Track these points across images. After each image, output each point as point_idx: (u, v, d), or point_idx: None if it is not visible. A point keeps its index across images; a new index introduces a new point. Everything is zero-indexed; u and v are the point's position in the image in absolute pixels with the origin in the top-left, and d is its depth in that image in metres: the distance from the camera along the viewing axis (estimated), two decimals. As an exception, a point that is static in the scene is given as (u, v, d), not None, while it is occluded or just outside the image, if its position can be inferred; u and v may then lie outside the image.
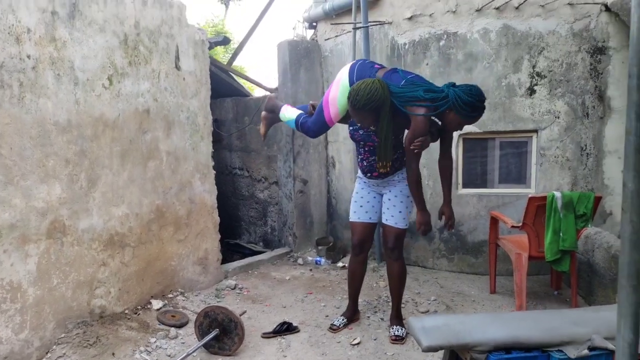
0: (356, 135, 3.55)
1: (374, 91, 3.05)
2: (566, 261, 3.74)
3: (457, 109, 3.09)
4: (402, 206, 3.56)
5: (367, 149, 3.52)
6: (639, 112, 1.30)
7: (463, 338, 2.31)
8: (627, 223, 1.37)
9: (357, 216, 3.71)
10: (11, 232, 2.85)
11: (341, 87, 3.36)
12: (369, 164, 3.56)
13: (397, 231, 3.56)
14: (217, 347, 3.31)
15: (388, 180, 3.59)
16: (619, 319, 1.44)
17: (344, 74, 3.40)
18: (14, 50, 2.85)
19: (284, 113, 3.76)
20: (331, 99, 3.41)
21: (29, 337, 2.97)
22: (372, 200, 3.69)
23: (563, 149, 4.72)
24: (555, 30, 4.63)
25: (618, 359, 1.47)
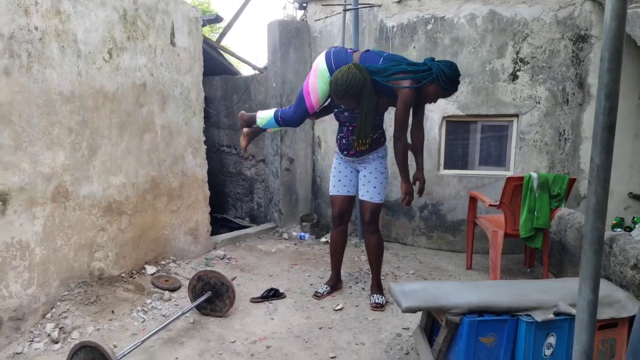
0: (341, 117, 3.72)
1: (351, 77, 3.24)
2: (539, 238, 3.97)
3: (439, 82, 3.35)
4: (376, 182, 3.74)
5: (351, 129, 3.68)
6: (608, 92, 1.43)
7: (439, 301, 2.52)
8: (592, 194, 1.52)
9: (336, 190, 3.90)
10: (20, 195, 3.00)
11: (319, 74, 3.51)
12: (347, 143, 3.73)
13: (372, 206, 3.74)
14: (209, 308, 3.51)
15: (364, 158, 3.77)
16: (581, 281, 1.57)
17: (321, 61, 3.53)
18: (23, 22, 2.96)
19: (260, 118, 3.88)
20: (311, 88, 3.56)
21: (35, 293, 3.14)
22: (350, 174, 3.88)
23: (542, 134, 4.94)
24: (540, 17, 4.81)
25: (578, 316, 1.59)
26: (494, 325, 2.47)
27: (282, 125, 3.83)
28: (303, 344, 3.12)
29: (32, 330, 3.08)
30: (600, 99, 1.46)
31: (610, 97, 1.44)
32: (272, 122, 3.83)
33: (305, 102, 3.61)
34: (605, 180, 1.50)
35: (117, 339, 3.10)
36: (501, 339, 2.49)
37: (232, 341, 3.15)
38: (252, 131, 4.00)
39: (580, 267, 1.60)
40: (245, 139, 4.00)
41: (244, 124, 3.98)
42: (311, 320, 3.50)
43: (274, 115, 3.80)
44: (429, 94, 3.44)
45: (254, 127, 3.97)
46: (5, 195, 2.90)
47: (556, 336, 2.52)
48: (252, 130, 3.99)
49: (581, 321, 1.60)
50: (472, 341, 2.45)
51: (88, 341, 2.44)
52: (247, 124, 3.97)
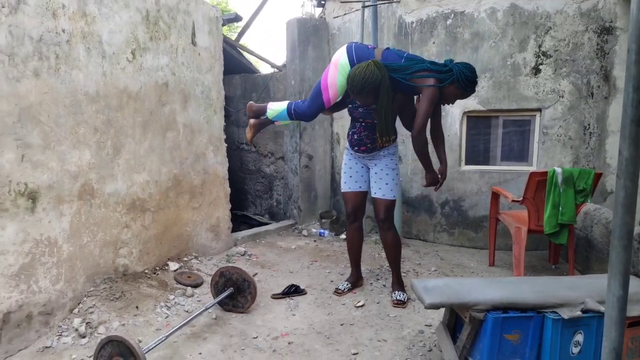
0: (355, 112, 3.69)
1: (369, 73, 3.21)
2: (564, 234, 3.92)
3: (459, 82, 3.35)
4: (388, 178, 3.71)
5: (364, 125, 3.67)
6: (636, 84, 1.42)
7: (463, 297, 2.50)
8: (620, 188, 1.51)
9: (347, 186, 3.89)
10: (49, 192, 3.07)
11: (340, 67, 3.45)
12: (359, 138, 3.72)
13: (386, 202, 3.71)
14: (231, 304, 3.55)
15: (374, 155, 3.75)
16: (610, 276, 1.56)
17: (342, 55, 3.49)
18: (51, 25, 3.02)
19: (271, 109, 3.75)
20: (330, 82, 3.50)
21: (63, 288, 3.21)
22: (361, 170, 3.86)
23: (566, 128, 4.87)
24: (563, 9, 4.74)
25: (607, 313, 1.58)
26: (519, 322, 2.44)
27: (294, 118, 3.72)
28: (325, 340, 3.14)
29: (61, 325, 3.15)
30: (628, 92, 1.44)
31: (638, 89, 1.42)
32: (283, 115, 3.71)
33: (322, 96, 3.55)
34: (634, 174, 1.48)
35: (141, 334, 3.15)
36: (526, 336, 2.46)
37: (254, 337, 3.18)
38: (259, 122, 3.85)
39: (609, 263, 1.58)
40: (252, 130, 3.85)
41: (252, 114, 3.84)
42: (332, 316, 3.51)
43: (286, 107, 3.69)
44: (449, 94, 3.43)
45: (262, 119, 3.84)
46: (34, 193, 2.97)
47: (584, 334, 2.48)
48: (260, 121, 3.85)
49: (610, 318, 1.59)
50: (496, 338, 2.43)
51: (114, 336, 2.49)
52: (256, 114, 3.83)
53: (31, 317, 3.00)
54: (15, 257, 2.88)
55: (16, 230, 2.88)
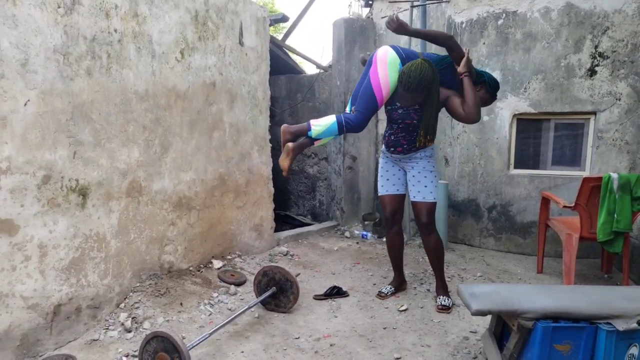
0: (395, 114, 3.58)
1: (425, 71, 3.19)
2: (619, 242, 3.74)
3: (490, 87, 3.51)
4: (427, 180, 3.62)
5: (402, 126, 3.57)
6: None
7: (512, 305, 2.42)
8: None
9: (385, 189, 3.82)
10: (98, 189, 3.16)
11: (390, 63, 3.38)
12: (395, 139, 3.63)
13: (426, 205, 3.62)
14: (273, 304, 3.56)
15: (410, 157, 3.66)
16: None
17: (388, 52, 3.41)
18: (104, 25, 3.11)
19: (317, 126, 3.42)
20: (382, 80, 3.39)
21: (110, 283, 3.29)
22: (397, 172, 3.79)
23: (623, 132, 4.66)
24: (622, 9, 4.54)
25: None
26: (571, 332, 2.35)
27: (346, 131, 3.46)
28: (367, 344, 3.10)
29: (107, 319, 3.23)
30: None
31: None
32: (333, 129, 3.40)
33: (377, 97, 3.40)
34: None
35: (185, 331, 3.19)
36: (578, 347, 2.36)
37: (296, 337, 3.17)
38: (299, 145, 3.45)
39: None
40: (289, 156, 3.39)
41: (290, 137, 3.42)
42: (375, 320, 3.47)
43: (336, 121, 3.39)
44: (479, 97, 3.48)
45: (302, 141, 3.49)
46: (85, 190, 3.06)
47: (639, 347, 2.36)
48: (300, 144, 3.47)
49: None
50: (545, 348, 2.34)
51: (160, 331, 2.53)
52: (294, 137, 3.44)
53: (80, 310, 3.08)
54: (66, 251, 2.97)
55: (67, 225, 2.97)
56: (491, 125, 5.15)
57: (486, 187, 5.28)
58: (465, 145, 5.35)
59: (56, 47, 2.83)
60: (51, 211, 2.86)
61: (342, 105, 5.95)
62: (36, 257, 2.80)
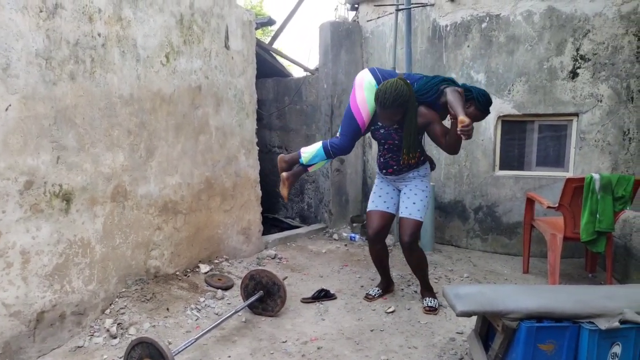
0: (377, 134, 3.63)
1: (400, 88, 3.22)
2: (602, 242, 3.78)
3: (479, 103, 3.41)
4: (416, 198, 3.60)
5: (387, 147, 3.60)
6: None
7: (496, 305, 2.44)
8: None
9: (374, 205, 3.76)
10: (83, 194, 3.13)
11: (367, 86, 3.45)
12: (385, 161, 3.66)
13: (412, 223, 3.54)
14: (260, 308, 3.55)
15: (403, 177, 3.67)
16: None
17: (365, 75, 3.49)
18: (87, 29, 3.10)
19: (305, 153, 3.63)
20: (360, 103, 3.47)
21: (95, 289, 3.27)
22: (392, 192, 3.78)
23: (604, 133, 4.72)
24: (602, 12, 4.60)
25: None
26: (554, 332, 2.38)
27: (332, 156, 3.62)
28: (354, 346, 3.10)
29: (92, 325, 3.21)
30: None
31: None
32: (320, 155, 3.59)
33: (357, 120, 3.49)
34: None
35: (171, 336, 3.18)
36: (561, 346, 2.39)
37: (284, 341, 3.16)
38: (293, 174, 3.70)
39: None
40: (286, 184, 3.67)
41: (285, 166, 3.68)
42: (362, 322, 3.47)
43: (322, 147, 3.58)
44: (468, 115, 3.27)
45: (296, 169, 3.71)
46: (69, 195, 3.04)
47: (622, 345, 2.40)
48: (294, 172, 3.70)
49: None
50: (530, 348, 2.37)
51: (145, 337, 2.51)
52: (289, 165, 3.69)
53: (64, 316, 3.06)
54: (49, 257, 2.95)
55: (50, 231, 2.94)
56: (476, 127, 5.16)
57: (472, 188, 5.32)
58: (451, 147, 5.38)
59: (38, 51, 2.81)
60: (34, 217, 2.84)
61: (330, 109, 5.97)
62: (18, 264, 2.77)
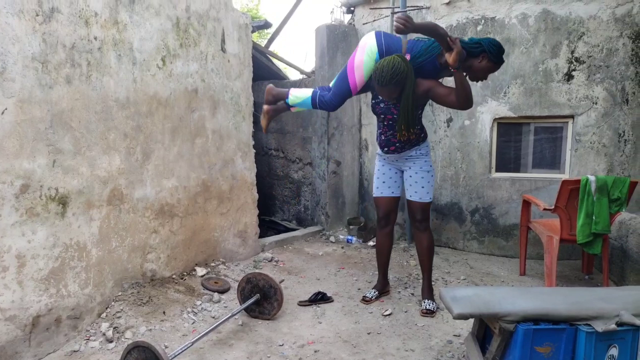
0: (377, 108, 3.62)
1: (397, 65, 3.18)
2: (598, 244, 3.80)
3: (491, 54, 3.21)
4: (424, 181, 3.66)
5: (387, 123, 3.59)
6: None
7: (493, 308, 2.44)
8: None
9: (380, 191, 3.85)
10: (79, 198, 3.12)
11: (367, 50, 3.38)
12: (386, 139, 3.65)
13: (423, 205, 3.69)
14: (257, 311, 3.54)
15: (405, 156, 3.68)
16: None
17: (369, 39, 3.40)
18: (84, 32, 3.09)
19: (294, 96, 3.70)
20: (357, 64, 3.41)
21: (92, 293, 3.26)
22: (394, 175, 3.81)
23: (600, 135, 4.75)
24: (597, 15, 4.63)
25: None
26: (551, 334, 2.38)
27: (319, 107, 3.64)
28: (351, 349, 3.10)
29: (89, 329, 3.19)
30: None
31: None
32: (307, 103, 3.65)
33: (349, 81, 3.46)
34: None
35: (168, 340, 3.17)
36: (558, 349, 2.39)
37: (280, 344, 3.16)
38: (275, 109, 3.80)
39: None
40: (266, 117, 3.81)
41: (271, 98, 3.76)
42: (359, 325, 3.47)
43: (311, 95, 3.62)
44: (481, 69, 3.27)
45: (279, 105, 3.79)
46: (65, 198, 3.03)
47: (618, 348, 2.40)
48: (276, 107, 3.80)
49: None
50: (527, 350, 2.37)
51: (141, 341, 2.50)
52: (275, 99, 3.77)
53: (60, 321, 3.04)
54: (45, 261, 2.93)
55: (46, 235, 2.93)
56: (472, 129, 5.21)
57: (468, 190, 5.33)
58: (447, 149, 5.40)
59: (34, 55, 2.80)
60: (30, 221, 2.82)
61: (326, 112, 5.96)
62: (14, 268, 2.76)
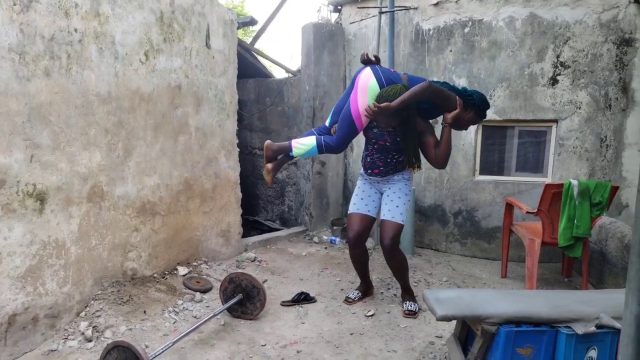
0: (370, 133, 3.60)
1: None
2: (578, 247, 3.83)
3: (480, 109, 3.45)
4: (400, 202, 3.60)
5: (377, 147, 3.59)
6: None
7: (476, 310, 2.44)
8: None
9: (356, 207, 3.74)
10: (57, 194, 3.06)
11: (370, 91, 3.34)
12: (371, 161, 3.65)
13: (393, 225, 3.55)
14: (240, 311, 3.51)
15: (388, 179, 3.68)
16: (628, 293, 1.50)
17: (369, 78, 3.36)
18: (63, 24, 3.02)
19: (298, 147, 3.58)
20: (362, 109, 3.37)
21: (70, 291, 3.19)
22: (373, 195, 3.77)
23: (582, 140, 4.79)
24: (583, 20, 4.67)
25: (624, 330, 1.51)
26: (532, 336, 2.40)
27: (323, 152, 3.61)
28: (334, 350, 3.08)
29: (67, 328, 3.13)
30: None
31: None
32: (314, 151, 3.59)
33: (356, 125, 3.43)
34: (656, 188, 1.41)
35: (149, 339, 3.12)
36: (539, 350, 2.41)
37: (263, 344, 3.13)
38: (278, 164, 3.70)
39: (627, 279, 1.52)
40: (270, 174, 3.67)
41: (271, 154, 3.64)
42: (342, 325, 3.45)
43: (316, 145, 3.54)
44: (468, 120, 3.47)
45: (281, 159, 3.71)
46: (43, 195, 2.96)
47: (598, 350, 2.43)
48: (279, 162, 3.71)
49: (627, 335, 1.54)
50: (508, 352, 2.38)
51: (121, 341, 2.46)
52: (275, 154, 3.66)
53: (37, 319, 2.97)
54: (22, 258, 2.87)
55: (23, 232, 2.86)
56: (457, 132, 5.21)
57: (452, 192, 5.35)
58: (432, 151, 5.40)
59: (11, 46, 2.73)
60: (6, 217, 2.76)
61: (311, 111, 5.95)
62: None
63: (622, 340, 1.53)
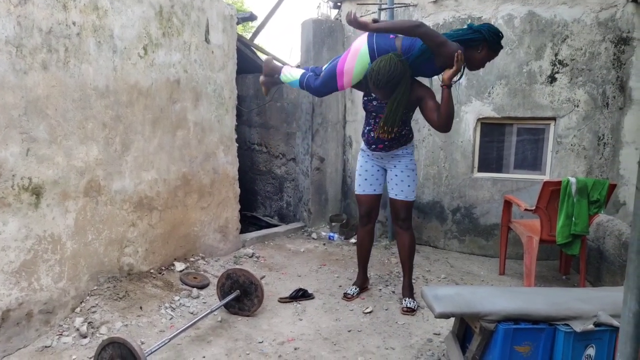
0: (369, 105, 3.60)
1: (394, 67, 3.13)
2: (576, 245, 3.83)
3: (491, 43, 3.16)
4: (409, 180, 3.66)
5: (378, 121, 3.54)
6: None
7: (474, 307, 2.44)
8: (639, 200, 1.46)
9: (362, 189, 3.82)
10: (54, 188, 3.03)
11: (359, 57, 3.35)
12: (374, 136, 3.61)
13: (407, 204, 3.69)
14: (237, 307, 3.49)
15: (392, 154, 3.66)
16: (626, 291, 1.52)
17: (362, 44, 3.36)
18: (61, 17, 3.00)
19: (286, 75, 3.79)
20: (347, 69, 3.41)
21: (66, 287, 3.17)
22: (376, 173, 3.78)
23: (580, 138, 4.79)
24: (581, 18, 4.67)
25: (623, 328, 1.53)
26: (531, 334, 2.40)
27: (304, 89, 3.75)
28: (331, 347, 3.07)
29: (62, 324, 3.11)
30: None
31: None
32: (295, 84, 3.75)
33: (337, 82, 3.49)
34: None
35: (144, 336, 3.10)
36: (537, 348, 2.41)
37: (260, 341, 3.12)
38: (271, 81, 3.97)
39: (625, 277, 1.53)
40: (263, 86, 4.01)
41: (268, 71, 3.91)
42: (340, 322, 3.44)
43: (299, 79, 3.69)
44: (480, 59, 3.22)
45: (275, 78, 3.92)
46: (39, 189, 2.94)
47: (596, 348, 2.43)
48: (272, 80, 3.95)
49: (626, 333, 1.55)
50: (506, 350, 2.38)
51: (116, 337, 2.44)
52: (270, 73, 3.90)
53: (31, 315, 2.96)
54: (16, 253, 2.84)
55: (18, 226, 2.84)
56: (456, 129, 5.20)
57: (450, 189, 5.34)
58: (431, 148, 5.40)
59: (8, 38, 2.71)
60: (0, 211, 2.73)
61: (310, 107, 5.92)
62: (-17, 260, 2.67)
63: (621, 338, 1.54)
